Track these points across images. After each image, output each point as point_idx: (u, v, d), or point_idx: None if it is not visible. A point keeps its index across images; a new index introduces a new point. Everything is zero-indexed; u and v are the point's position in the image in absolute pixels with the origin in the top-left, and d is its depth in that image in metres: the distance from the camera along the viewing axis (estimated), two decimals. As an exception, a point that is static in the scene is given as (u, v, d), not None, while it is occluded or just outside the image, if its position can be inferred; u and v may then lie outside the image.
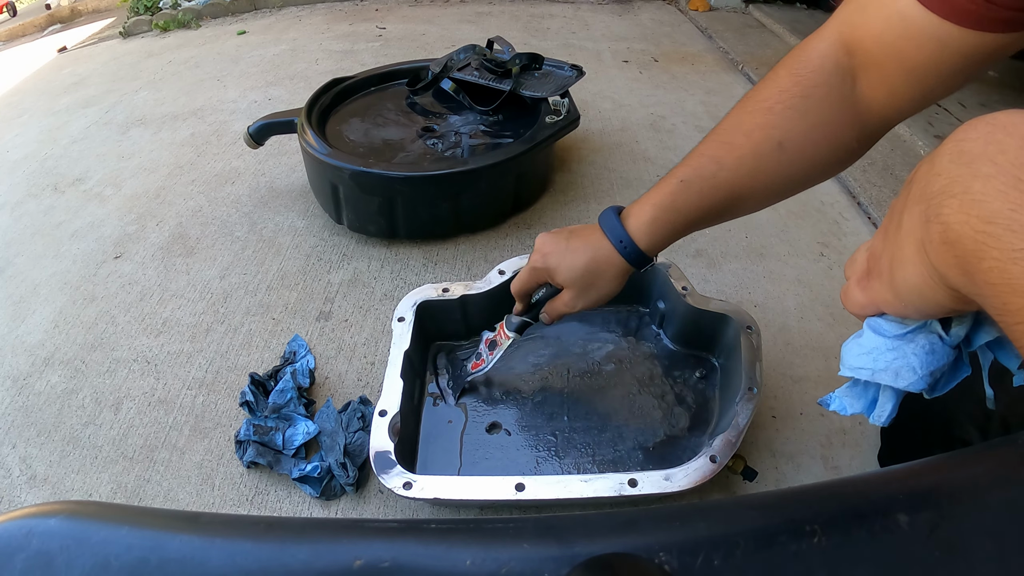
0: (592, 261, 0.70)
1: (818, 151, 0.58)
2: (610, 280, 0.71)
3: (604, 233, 0.69)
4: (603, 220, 0.70)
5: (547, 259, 0.72)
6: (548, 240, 0.73)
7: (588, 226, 0.72)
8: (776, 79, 0.58)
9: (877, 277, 0.34)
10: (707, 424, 0.90)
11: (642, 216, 0.66)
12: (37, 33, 3.54)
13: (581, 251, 0.70)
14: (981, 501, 0.26)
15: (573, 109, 1.50)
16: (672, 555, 0.24)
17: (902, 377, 0.35)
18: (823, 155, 0.59)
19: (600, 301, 0.74)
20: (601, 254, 0.69)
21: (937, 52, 0.49)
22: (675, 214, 0.65)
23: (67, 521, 0.26)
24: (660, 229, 0.66)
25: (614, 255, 0.68)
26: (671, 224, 0.65)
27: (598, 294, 0.73)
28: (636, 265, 0.69)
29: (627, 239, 0.67)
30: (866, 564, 0.24)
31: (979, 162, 0.25)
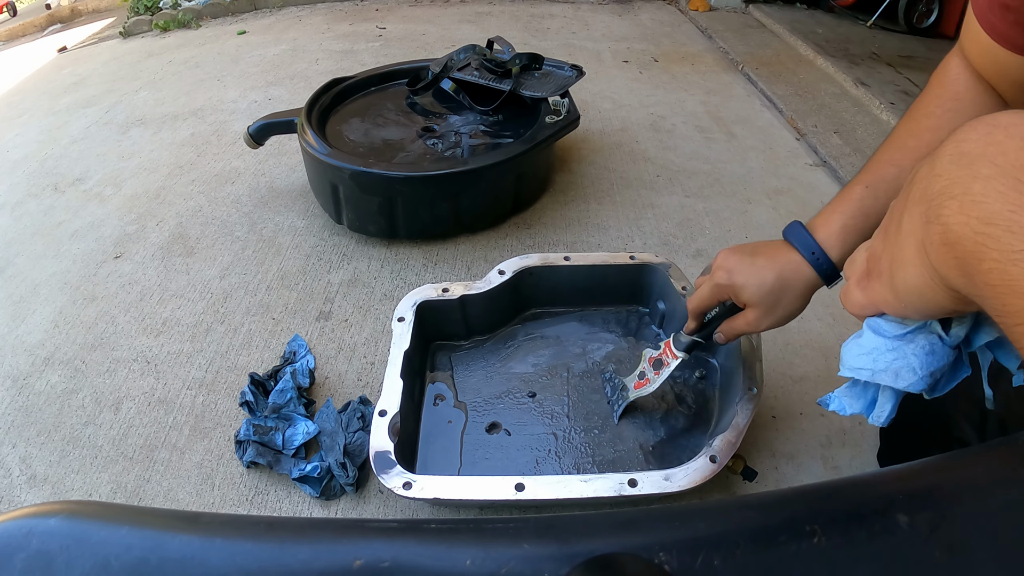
0: (780, 278, 0.66)
1: None
2: (797, 297, 0.68)
3: (792, 246, 0.66)
4: (790, 233, 0.67)
5: (732, 276, 0.69)
6: (731, 256, 0.70)
7: (772, 242, 0.69)
8: (929, 90, 0.63)
9: (877, 278, 0.33)
10: (707, 424, 0.90)
11: (831, 225, 0.64)
12: (37, 33, 3.53)
13: (768, 267, 0.67)
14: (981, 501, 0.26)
15: (573, 109, 1.50)
16: (672, 555, 0.24)
17: (902, 378, 0.35)
18: None
19: (785, 320, 0.70)
20: (789, 269, 0.66)
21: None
22: (864, 220, 0.63)
23: (67, 521, 0.26)
24: (851, 236, 0.64)
25: (803, 269, 0.65)
26: (861, 232, 0.63)
27: (785, 312, 0.69)
28: (827, 278, 0.66)
29: (819, 250, 0.64)
30: (866, 564, 0.24)
31: (979, 163, 0.25)
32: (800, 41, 2.63)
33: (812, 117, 2.00)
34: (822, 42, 2.63)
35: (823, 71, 2.40)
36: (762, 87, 2.24)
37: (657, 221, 1.49)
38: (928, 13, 2.87)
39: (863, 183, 0.63)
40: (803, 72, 2.38)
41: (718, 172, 1.70)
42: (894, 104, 2.01)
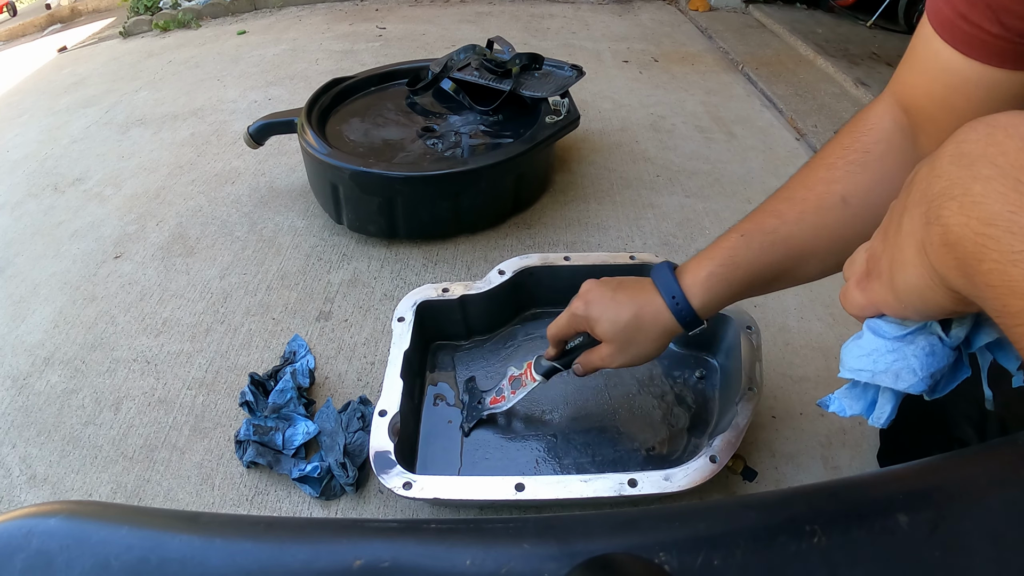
0: (636, 317, 0.65)
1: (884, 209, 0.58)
2: (653, 339, 0.66)
3: (656, 287, 0.65)
4: (655, 274, 0.66)
5: (589, 308, 0.68)
6: (594, 288, 0.69)
7: (639, 279, 0.69)
8: (837, 140, 0.59)
9: (877, 278, 0.33)
10: (707, 424, 0.90)
11: (698, 272, 0.63)
12: (37, 33, 3.53)
13: (627, 304, 0.66)
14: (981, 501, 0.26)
15: (573, 109, 1.50)
16: (672, 555, 0.24)
17: (902, 379, 0.35)
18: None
19: (638, 360, 0.69)
20: (648, 310, 0.65)
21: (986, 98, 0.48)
22: (733, 270, 0.61)
23: (67, 521, 0.26)
24: (716, 286, 0.62)
25: (662, 313, 0.64)
26: (728, 281, 0.62)
27: (637, 352, 0.68)
28: (686, 325, 0.65)
29: (680, 295, 0.63)
30: (866, 564, 0.24)
31: (979, 164, 0.25)
32: (800, 41, 2.63)
33: (812, 117, 2.00)
34: (822, 42, 2.63)
35: (823, 71, 2.40)
36: (762, 87, 2.24)
37: (657, 221, 1.49)
38: (928, 13, 2.86)
39: (740, 231, 0.61)
40: (803, 72, 2.38)
41: (718, 172, 1.70)
42: (894, 104, 2.01)
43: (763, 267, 0.60)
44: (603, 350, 0.70)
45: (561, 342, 0.76)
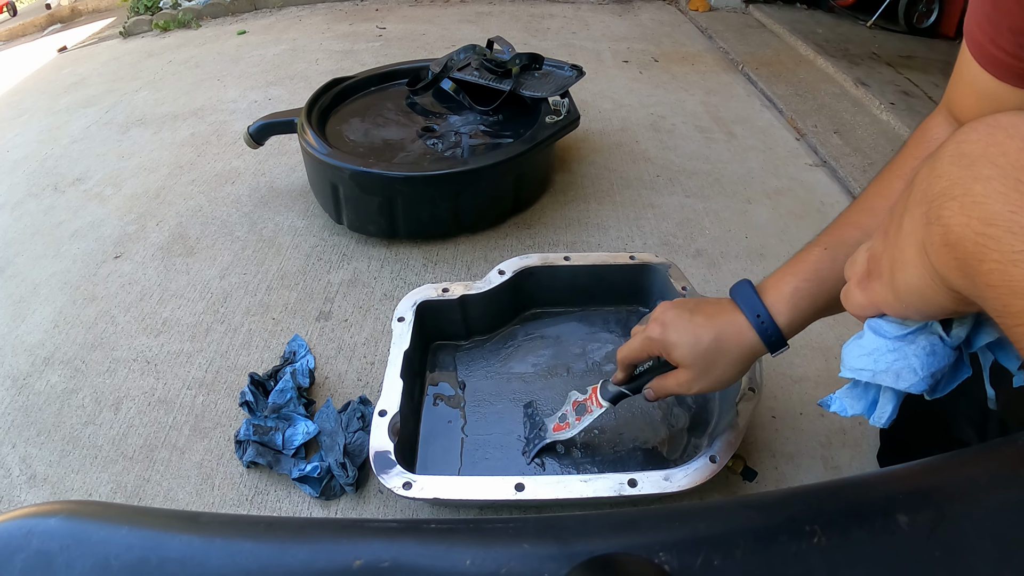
0: (717, 339, 0.61)
1: None
2: (735, 362, 0.62)
3: (737, 306, 0.61)
4: (736, 292, 0.62)
5: (666, 332, 0.64)
6: (670, 311, 0.65)
7: (717, 299, 0.65)
8: (906, 150, 0.58)
9: (877, 278, 0.33)
10: (707, 424, 0.90)
11: (782, 288, 0.59)
12: (37, 33, 3.53)
13: (706, 327, 0.62)
14: (981, 501, 0.26)
15: (573, 109, 1.50)
16: (672, 555, 0.24)
17: (903, 379, 0.35)
18: None
19: (719, 385, 0.65)
20: (729, 331, 0.61)
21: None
22: (819, 285, 0.57)
23: (67, 521, 0.26)
24: (802, 302, 0.58)
25: (746, 333, 0.60)
26: (814, 297, 0.58)
27: (720, 377, 0.63)
28: (771, 346, 0.61)
29: (765, 313, 0.59)
30: (866, 564, 0.24)
31: (979, 164, 0.25)
32: (800, 41, 2.63)
33: (812, 117, 2.00)
34: (822, 42, 2.63)
35: (823, 71, 2.40)
36: (762, 87, 2.24)
37: (657, 221, 1.49)
38: (928, 13, 2.87)
39: (822, 245, 0.59)
40: (803, 72, 2.38)
41: (718, 172, 1.70)
42: (894, 104, 2.01)
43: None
44: (680, 376, 0.65)
45: (631, 366, 0.72)
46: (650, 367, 0.71)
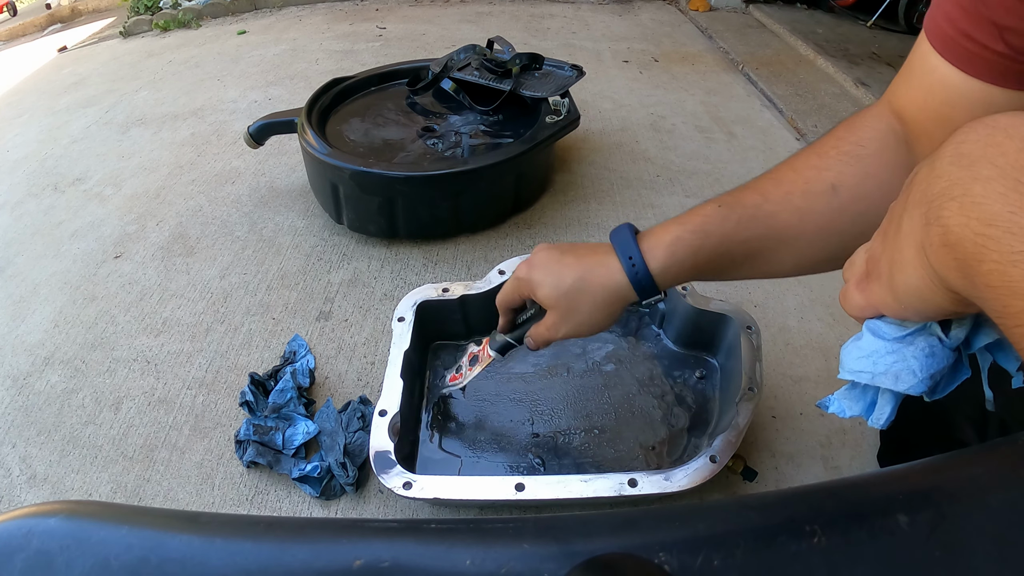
0: (581, 279, 0.59)
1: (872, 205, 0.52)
2: (600, 305, 0.60)
3: (613, 249, 0.59)
4: (614, 234, 0.60)
5: (532, 271, 0.63)
6: (542, 252, 0.64)
7: (596, 244, 0.62)
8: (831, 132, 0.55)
9: (876, 279, 0.33)
10: (707, 424, 0.90)
11: (663, 236, 0.57)
12: (37, 33, 3.54)
13: (572, 267, 0.60)
14: (981, 501, 0.26)
15: (573, 109, 1.50)
16: (672, 555, 0.24)
17: (902, 380, 0.35)
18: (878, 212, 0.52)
19: (585, 329, 0.63)
20: (597, 272, 0.59)
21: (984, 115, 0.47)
22: (703, 238, 0.55)
23: (67, 521, 0.26)
24: (681, 252, 0.56)
25: (614, 275, 0.58)
26: (695, 250, 0.56)
27: (582, 320, 0.61)
28: (641, 292, 0.58)
29: (638, 257, 0.57)
30: (866, 564, 0.24)
31: (979, 164, 0.25)
32: (800, 41, 2.63)
33: (812, 117, 2.00)
34: (822, 42, 2.63)
35: (823, 71, 2.40)
36: (762, 87, 2.24)
37: (657, 221, 1.48)
38: (928, 13, 2.86)
39: (718, 202, 0.56)
40: (803, 72, 2.38)
41: (718, 172, 1.70)
42: (894, 104, 2.01)
43: (737, 243, 0.55)
44: (548, 318, 0.64)
45: (509, 311, 0.71)
46: (532, 315, 0.69)
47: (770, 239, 0.55)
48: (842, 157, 0.53)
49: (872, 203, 0.52)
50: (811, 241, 0.54)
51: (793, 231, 0.54)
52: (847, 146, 0.53)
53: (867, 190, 0.52)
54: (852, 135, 0.53)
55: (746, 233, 0.55)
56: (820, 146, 0.55)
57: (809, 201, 0.53)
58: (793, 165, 0.55)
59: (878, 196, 0.52)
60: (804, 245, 0.55)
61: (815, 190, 0.53)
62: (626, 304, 0.61)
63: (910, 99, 0.52)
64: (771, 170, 0.57)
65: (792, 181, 0.54)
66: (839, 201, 0.52)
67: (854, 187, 0.52)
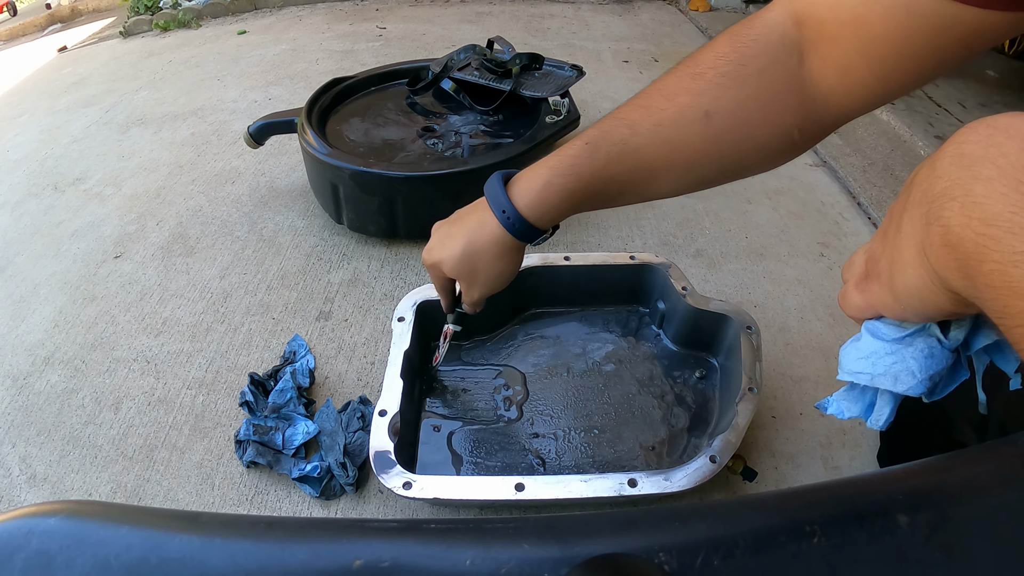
0: (469, 244, 0.63)
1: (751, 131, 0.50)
2: (494, 259, 0.63)
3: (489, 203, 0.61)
4: (487, 188, 0.61)
5: (431, 253, 0.67)
6: (434, 230, 0.67)
7: (476, 202, 0.65)
8: (714, 45, 0.50)
9: (876, 280, 0.33)
10: (707, 424, 0.90)
11: (533, 182, 0.58)
12: (37, 33, 3.53)
13: (459, 236, 0.64)
14: (981, 501, 0.26)
15: (573, 109, 1.50)
16: (672, 555, 0.24)
17: (901, 381, 0.35)
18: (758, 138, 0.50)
19: (493, 284, 0.67)
20: (479, 232, 0.62)
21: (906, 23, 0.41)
22: (574, 181, 0.55)
23: (67, 521, 0.26)
24: (553, 198, 0.57)
25: (494, 231, 0.60)
26: (569, 192, 0.56)
27: (485, 278, 0.65)
28: (525, 238, 0.60)
29: (511, 209, 0.58)
30: (866, 564, 0.24)
31: (980, 165, 0.25)
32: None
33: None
34: (822, 42, 2.62)
35: (823, 71, 2.39)
36: (762, 87, 2.24)
37: (657, 221, 1.49)
38: (928, 13, 2.86)
39: (585, 139, 0.55)
40: (803, 72, 2.38)
41: (718, 172, 1.70)
42: (894, 104, 2.01)
43: (608, 179, 0.55)
44: (461, 287, 0.69)
45: (445, 291, 0.76)
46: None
47: (640, 172, 0.54)
48: (720, 79, 0.49)
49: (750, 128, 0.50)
50: (685, 168, 0.53)
51: (663, 163, 0.53)
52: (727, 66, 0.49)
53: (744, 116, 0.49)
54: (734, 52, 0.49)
55: (615, 169, 0.54)
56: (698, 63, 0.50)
57: (680, 131, 0.51)
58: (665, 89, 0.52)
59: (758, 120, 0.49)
60: (677, 174, 0.54)
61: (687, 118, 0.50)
62: (518, 249, 0.64)
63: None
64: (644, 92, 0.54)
65: (662, 110, 0.51)
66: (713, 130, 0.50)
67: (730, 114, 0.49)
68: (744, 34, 0.49)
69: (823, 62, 0.47)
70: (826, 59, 0.46)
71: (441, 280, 0.72)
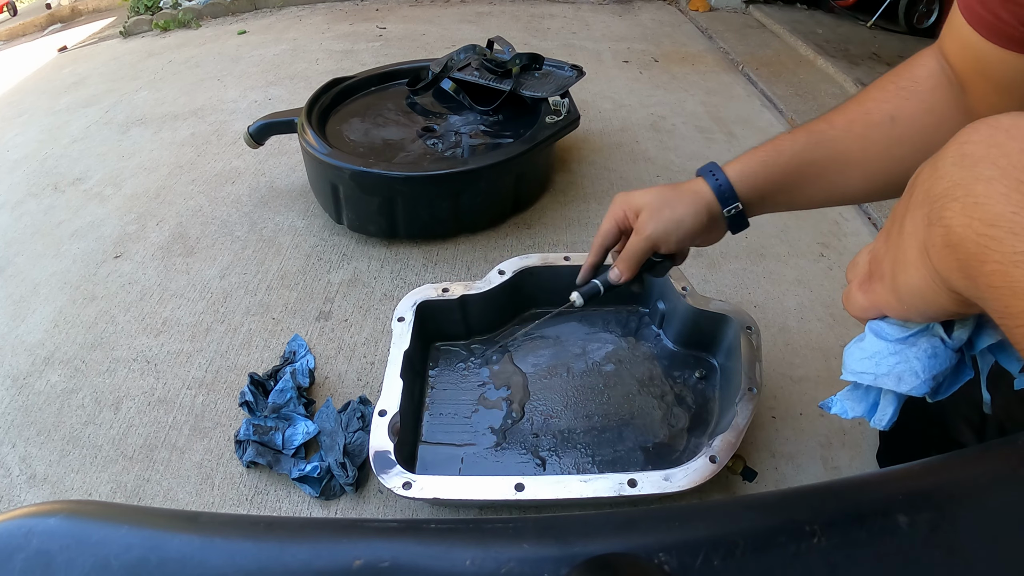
0: (674, 190, 0.68)
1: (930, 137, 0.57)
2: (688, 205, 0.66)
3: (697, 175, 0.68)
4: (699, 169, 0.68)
5: (629, 196, 0.71)
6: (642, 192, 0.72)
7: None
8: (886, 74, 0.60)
9: (879, 280, 0.33)
10: (707, 424, 0.90)
11: (743, 158, 0.65)
12: (37, 32, 3.54)
13: (664, 187, 0.69)
14: (981, 501, 0.26)
15: (573, 109, 1.50)
16: (672, 555, 0.24)
17: (905, 382, 0.35)
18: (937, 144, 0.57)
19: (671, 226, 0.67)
20: (686, 187, 0.67)
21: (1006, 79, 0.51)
22: (776, 155, 0.63)
23: (67, 521, 0.26)
24: (754, 163, 0.64)
25: (700, 188, 0.66)
26: (768, 165, 0.63)
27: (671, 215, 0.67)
28: (723, 200, 0.65)
29: (719, 171, 0.65)
30: (866, 564, 0.24)
31: (981, 165, 0.25)
32: (800, 41, 2.63)
33: (812, 117, 2.00)
34: (822, 42, 2.63)
35: (823, 71, 2.40)
36: (762, 87, 2.24)
37: (657, 221, 1.49)
38: (928, 13, 2.87)
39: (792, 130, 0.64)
40: (803, 72, 2.38)
41: (718, 172, 1.70)
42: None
43: (806, 162, 0.62)
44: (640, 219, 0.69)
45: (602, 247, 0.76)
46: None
47: (835, 161, 0.61)
48: (900, 92, 0.58)
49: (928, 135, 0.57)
50: (874, 165, 0.59)
51: (856, 156, 0.60)
52: (904, 81, 0.58)
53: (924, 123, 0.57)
54: (908, 72, 0.58)
55: (813, 154, 0.61)
56: (880, 82, 0.60)
57: (869, 129, 0.59)
58: (857, 99, 0.61)
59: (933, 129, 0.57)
60: (867, 169, 0.60)
61: (875, 120, 0.58)
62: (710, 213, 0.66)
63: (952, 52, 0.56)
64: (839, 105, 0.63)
65: (854, 111, 0.60)
66: (897, 131, 0.57)
67: (911, 118, 0.57)
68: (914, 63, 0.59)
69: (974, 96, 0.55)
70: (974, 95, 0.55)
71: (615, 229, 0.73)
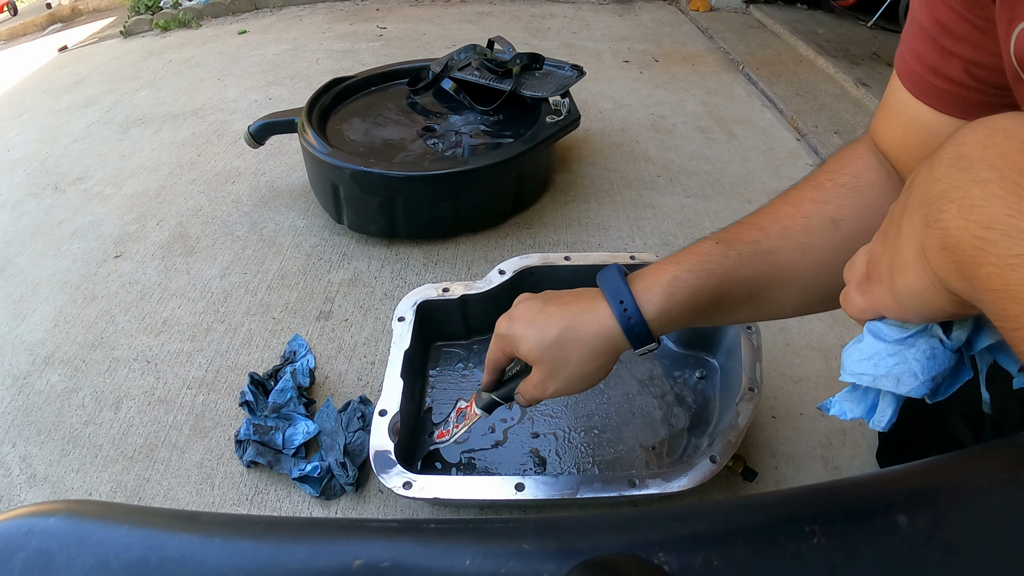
0: (567, 330, 0.53)
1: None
2: (589, 357, 0.54)
3: (601, 293, 0.53)
4: (602, 276, 0.54)
5: (512, 325, 0.57)
6: (522, 303, 0.58)
7: (584, 289, 0.57)
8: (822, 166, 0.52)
9: (877, 281, 0.33)
10: (707, 424, 0.90)
11: (659, 276, 0.51)
12: (38, 32, 3.54)
13: (556, 317, 0.54)
14: (981, 501, 0.26)
15: (573, 109, 1.50)
16: (672, 555, 0.24)
17: (904, 383, 0.35)
18: None
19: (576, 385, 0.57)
20: (584, 319, 0.53)
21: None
22: (704, 278, 0.50)
23: (67, 520, 0.26)
24: (679, 292, 0.50)
25: (604, 322, 0.52)
26: (695, 291, 0.50)
27: (572, 374, 0.55)
28: (634, 340, 0.52)
29: (630, 301, 0.51)
30: (866, 564, 0.24)
31: (978, 167, 0.25)
32: (801, 41, 2.63)
33: (812, 117, 2.00)
34: (823, 42, 2.63)
35: (824, 71, 2.40)
36: (763, 87, 2.24)
37: (657, 221, 1.49)
38: (929, 14, 2.86)
39: (716, 239, 0.52)
40: (804, 72, 2.38)
41: (718, 172, 1.70)
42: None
43: (739, 282, 0.51)
44: (534, 375, 0.58)
45: (496, 369, 0.64)
46: (518, 371, 0.64)
47: (773, 277, 0.51)
48: (839, 189, 0.50)
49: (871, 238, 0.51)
50: (814, 278, 0.51)
51: (795, 268, 0.51)
52: (843, 178, 0.51)
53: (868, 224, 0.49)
54: (846, 167, 0.51)
55: (747, 271, 0.51)
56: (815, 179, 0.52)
57: (810, 236, 0.50)
58: (789, 199, 0.52)
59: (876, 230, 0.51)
60: (807, 283, 0.51)
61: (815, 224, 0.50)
62: (619, 353, 0.55)
63: (890, 137, 0.51)
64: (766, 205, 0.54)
65: (790, 215, 0.51)
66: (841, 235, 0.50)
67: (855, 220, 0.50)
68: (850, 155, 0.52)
69: None
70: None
71: (504, 357, 0.61)
